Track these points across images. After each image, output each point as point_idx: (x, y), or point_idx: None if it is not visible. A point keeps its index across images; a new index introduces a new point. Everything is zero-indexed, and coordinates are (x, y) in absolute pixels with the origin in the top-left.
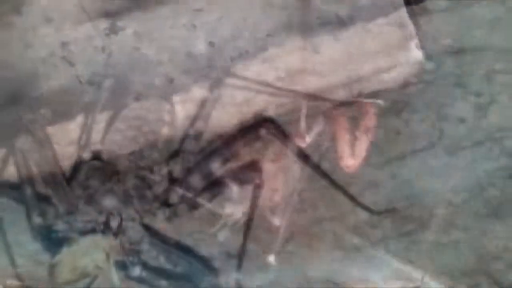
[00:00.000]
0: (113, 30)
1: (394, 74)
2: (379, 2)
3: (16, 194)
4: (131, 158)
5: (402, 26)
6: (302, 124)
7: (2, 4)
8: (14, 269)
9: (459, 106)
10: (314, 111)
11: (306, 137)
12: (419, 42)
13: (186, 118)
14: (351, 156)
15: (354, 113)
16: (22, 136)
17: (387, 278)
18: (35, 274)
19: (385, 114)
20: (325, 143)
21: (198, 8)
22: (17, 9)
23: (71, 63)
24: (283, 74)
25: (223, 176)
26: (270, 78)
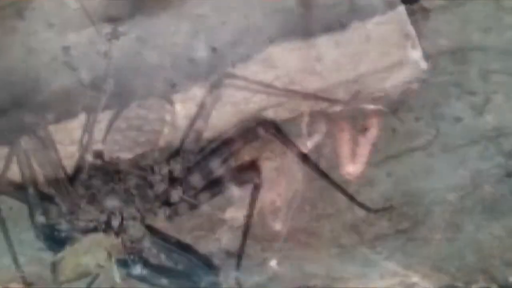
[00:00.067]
0: (115, 35)
1: (393, 74)
2: (376, 2)
3: (19, 193)
4: (132, 158)
5: (400, 25)
6: (303, 129)
7: (5, 9)
8: (17, 268)
9: (455, 105)
10: (316, 114)
11: (308, 142)
12: (417, 41)
13: (186, 118)
14: (352, 162)
15: (355, 115)
16: (25, 136)
17: (384, 275)
18: (37, 272)
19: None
20: (323, 142)
21: (201, 13)
22: (19, 13)
23: (73, 68)
24: (284, 75)
25: (223, 175)
26: (270, 79)
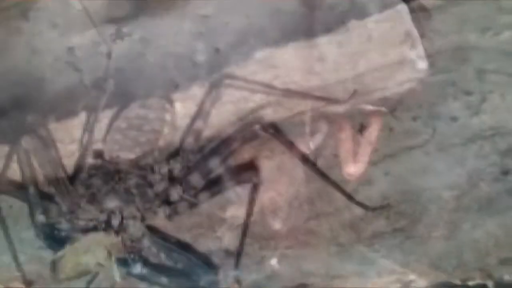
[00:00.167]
0: (118, 36)
1: (394, 72)
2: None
3: (19, 192)
4: (132, 157)
5: (401, 24)
6: (303, 128)
7: (9, 9)
8: (17, 266)
9: (452, 105)
10: (315, 113)
11: (307, 141)
12: (419, 40)
13: (186, 117)
14: (354, 163)
15: (354, 115)
16: (25, 136)
17: (382, 272)
18: (38, 271)
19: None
20: (320, 142)
21: (204, 14)
22: (24, 14)
23: (77, 68)
24: (285, 75)
25: (222, 174)
26: (270, 79)
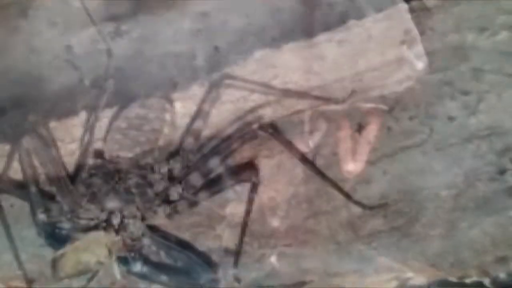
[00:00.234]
0: (118, 34)
1: (394, 71)
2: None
3: (20, 192)
4: (132, 157)
5: (401, 23)
6: (301, 128)
7: (9, 8)
8: (18, 265)
9: (448, 105)
10: (314, 113)
11: (309, 143)
12: (419, 38)
13: (185, 116)
14: (352, 161)
15: (353, 114)
16: (26, 135)
17: (380, 270)
18: (39, 269)
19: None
20: (319, 141)
21: (203, 12)
22: (23, 13)
23: (76, 66)
24: (284, 74)
25: (222, 174)
26: (270, 78)
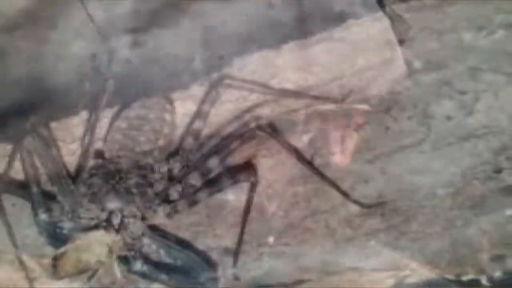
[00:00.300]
0: (136, 44)
1: (389, 71)
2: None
3: (22, 191)
4: (132, 157)
5: (392, 24)
6: (303, 130)
7: (39, 21)
8: (20, 263)
9: (446, 104)
10: (310, 112)
11: (303, 136)
12: (408, 41)
13: (185, 116)
14: (342, 153)
15: (349, 113)
16: (28, 135)
17: (377, 268)
18: (40, 267)
19: (374, 111)
20: (317, 140)
21: (209, 25)
22: (53, 25)
23: (99, 73)
24: (284, 74)
25: (221, 174)
26: (269, 79)
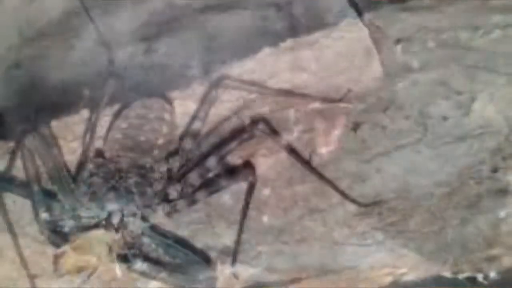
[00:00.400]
0: (149, 51)
1: (374, 74)
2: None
3: (23, 190)
4: (132, 156)
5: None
6: (301, 130)
7: (65, 31)
8: (21, 261)
9: (442, 104)
10: (312, 112)
11: (301, 135)
12: (401, 41)
13: (184, 115)
14: (326, 145)
15: (347, 113)
16: (29, 134)
17: (374, 267)
18: (41, 265)
19: (371, 111)
20: (315, 140)
21: (212, 34)
22: (76, 34)
23: (117, 76)
24: (283, 74)
25: (219, 173)
26: (268, 78)
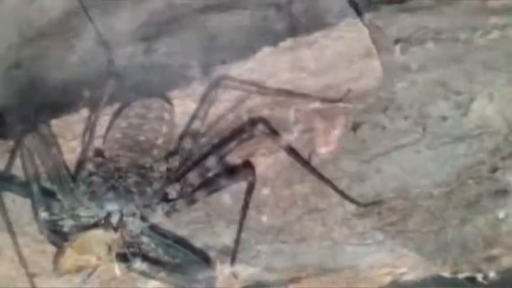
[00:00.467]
0: (149, 51)
1: (374, 74)
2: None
3: (22, 189)
4: (132, 156)
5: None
6: (301, 130)
7: (65, 31)
8: (20, 260)
9: (441, 104)
10: (312, 112)
11: (300, 135)
12: (400, 41)
13: (184, 115)
14: (325, 145)
15: (346, 113)
16: (29, 133)
17: (374, 266)
18: (40, 264)
19: (371, 111)
20: (315, 140)
21: (212, 34)
22: (77, 34)
23: (117, 76)
24: (282, 73)
25: (219, 173)
26: (268, 78)
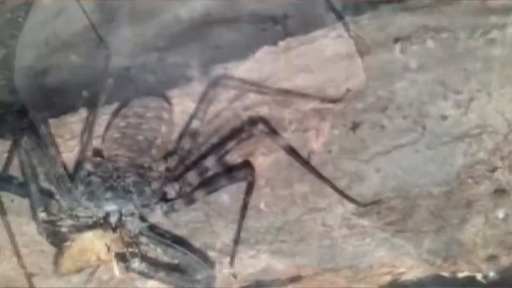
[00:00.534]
0: (160, 60)
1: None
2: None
3: (21, 189)
4: (130, 156)
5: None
6: (300, 129)
7: (89, 41)
8: (19, 260)
9: (440, 104)
10: (311, 112)
11: (293, 130)
12: (399, 41)
13: (183, 114)
14: (317, 135)
15: (345, 113)
16: (27, 133)
17: (373, 266)
18: (39, 264)
19: (370, 110)
20: (313, 140)
21: (218, 45)
22: (98, 45)
23: (133, 82)
24: (282, 73)
25: (218, 173)
26: (267, 77)
